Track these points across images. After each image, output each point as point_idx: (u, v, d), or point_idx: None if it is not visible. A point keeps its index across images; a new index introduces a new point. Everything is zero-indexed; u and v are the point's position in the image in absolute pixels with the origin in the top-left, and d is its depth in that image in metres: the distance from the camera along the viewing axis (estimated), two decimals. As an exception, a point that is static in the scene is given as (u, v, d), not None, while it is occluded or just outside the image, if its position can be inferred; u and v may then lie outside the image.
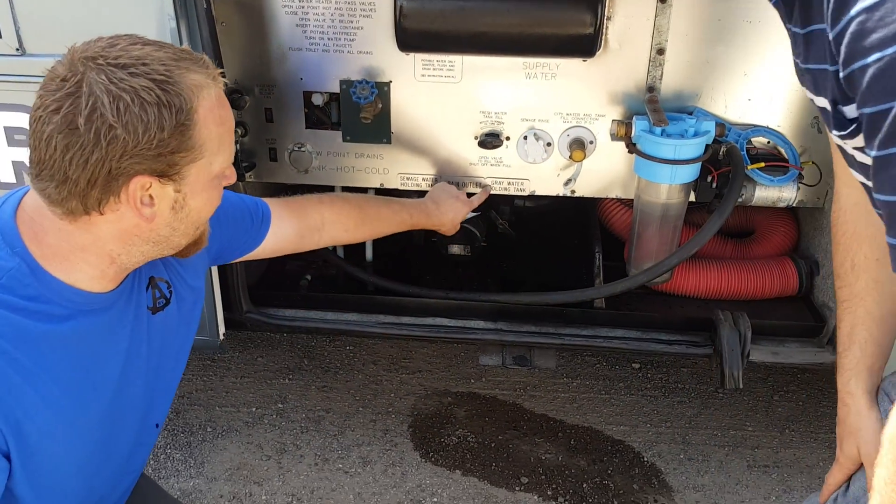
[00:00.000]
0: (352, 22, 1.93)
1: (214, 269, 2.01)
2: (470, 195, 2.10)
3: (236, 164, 1.97)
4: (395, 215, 1.89)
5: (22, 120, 1.81)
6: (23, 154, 1.85)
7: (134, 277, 1.20)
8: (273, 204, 1.58)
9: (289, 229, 1.61)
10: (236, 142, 1.99)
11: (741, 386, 1.97)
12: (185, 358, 1.39)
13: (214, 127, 1.06)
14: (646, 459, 2.37)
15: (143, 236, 1.09)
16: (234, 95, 2.03)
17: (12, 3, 1.70)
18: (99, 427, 1.18)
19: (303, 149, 2.12)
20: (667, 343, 2.10)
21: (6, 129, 1.81)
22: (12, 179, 1.88)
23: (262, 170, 2.17)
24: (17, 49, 1.74)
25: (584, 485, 2.27)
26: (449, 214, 2.01)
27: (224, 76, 1.80)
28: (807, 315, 2.20)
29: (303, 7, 1.93)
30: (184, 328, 1.35)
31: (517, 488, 2.26)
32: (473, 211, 2.11)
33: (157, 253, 1.15)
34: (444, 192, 2.05)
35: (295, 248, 1.68)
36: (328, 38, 1.96)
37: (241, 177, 2.01)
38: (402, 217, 1.91)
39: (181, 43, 1.72)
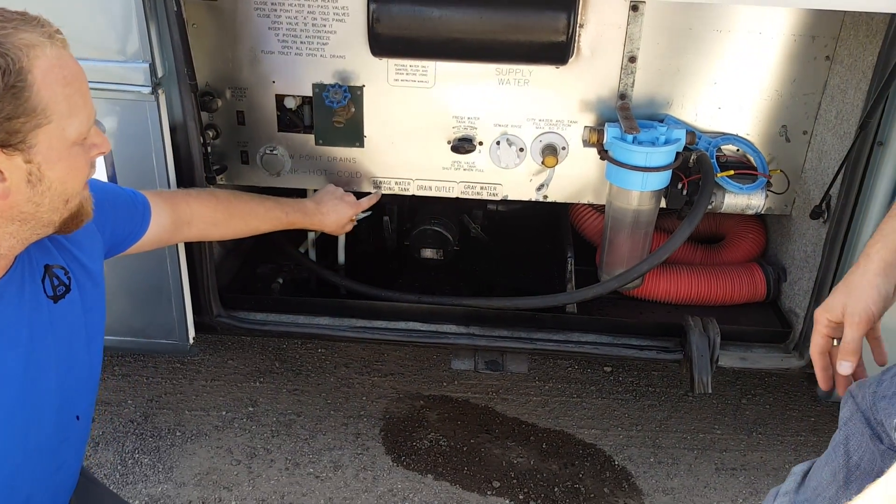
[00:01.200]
0: (325, 26, 1.92)
1: (184, 271, 1.99)
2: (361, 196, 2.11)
3: (207, 166, 1.96)
4: (267, 212, 1.89)
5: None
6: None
7: (24, 266, 1.15)
8: (147, 194, 1.57)
9: (165, 219, 1.60)
10: (207, 144, 1.97)
11: (710, 391, 1.99)
12: (100, 346, 1.34)
13: (59, 88, 1.01)
14: (617, 463, 2.39)
15: (5, 215, 1.04)
16: (206, 98, 2.01)
17: (-23, 2, 1.67)
18: (10, 422, 1.14)
19: (275, 152, 2.11)
20: (638, 348, 2.12)
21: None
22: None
23: (233, 173, 2.15)
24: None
25: (556, 488, 2.28)
26: (331, 215, 2.01)
27: (194, 78, 1.80)
28: (774, 321, 2.23)
29: (275, 10, 1.92)
30: (90, 315, 1.30)
31: (489, 492, 2.27)
32: (364, 212, 2.11)
33: (30, 233, 1.10)
34: (328, 193, 2.06)
35: (170, 239, 1.67)
36: (301, 42, 1.95)
37: (211, 179, 1.99)
38: (275, 214, 1.91)
39: (150, 45, 1.69)
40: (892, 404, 1.08)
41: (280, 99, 2.03)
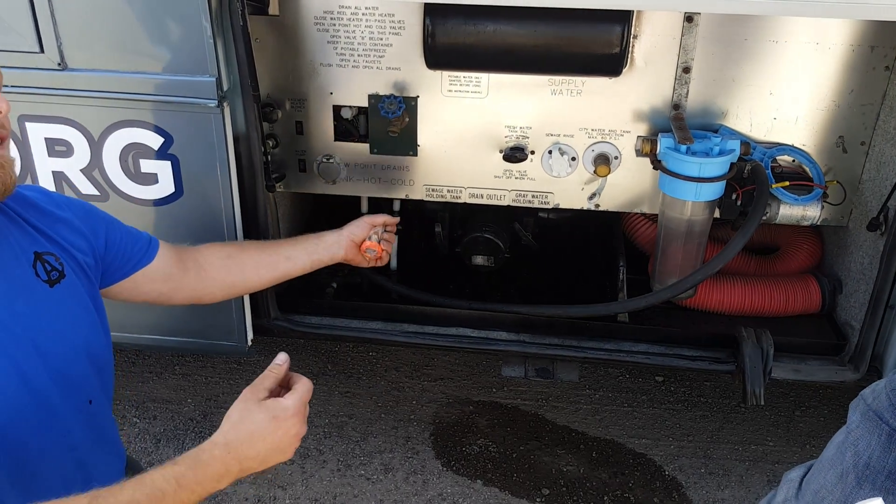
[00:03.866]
0: (381, 39, 1.97)
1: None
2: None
3: (266, 174, 2.02)
4: (280, 244, 1.87)
5: (62, 132, 1.87)
6: (62, 164, 1.90)
7: (3, 252, 1.18)
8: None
9: (171, 253, 1.59)
10: (267, 153, 2.03)
11: (763, 403, 1.97)
12: (107, 332, 1.35)
13: None
14: (667, 473, 2.38)
15: None
16: (267, 109, 2.08)
17: (55, 20, 1.76)
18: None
19: (331, 160, 2.16)
20: (690, 359, 2.11)
21: (47, 140, 1.87)
22: (52, 188, 1.94)
23: (291, 180, 2.21)
24: (59, 64, 1.80)
25: (605, 497, 2.29)
26: (347, 229, 1.94)
27: (257, 90, 1.86)
28: (829, 333, 2.20)
29: (334, 24, 1.97)
30: (93, 300, 1.31)
31: (538, 499, 2.28)
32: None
33: None
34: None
35: (181, 278, 1.62)
36: (358, 55, 2.00)
37: (271, 187, 2.06)
38: (291, 244, 1.86)
39: (217, 60, 1.76)
40: None
41: (337, 109, 2.09)
